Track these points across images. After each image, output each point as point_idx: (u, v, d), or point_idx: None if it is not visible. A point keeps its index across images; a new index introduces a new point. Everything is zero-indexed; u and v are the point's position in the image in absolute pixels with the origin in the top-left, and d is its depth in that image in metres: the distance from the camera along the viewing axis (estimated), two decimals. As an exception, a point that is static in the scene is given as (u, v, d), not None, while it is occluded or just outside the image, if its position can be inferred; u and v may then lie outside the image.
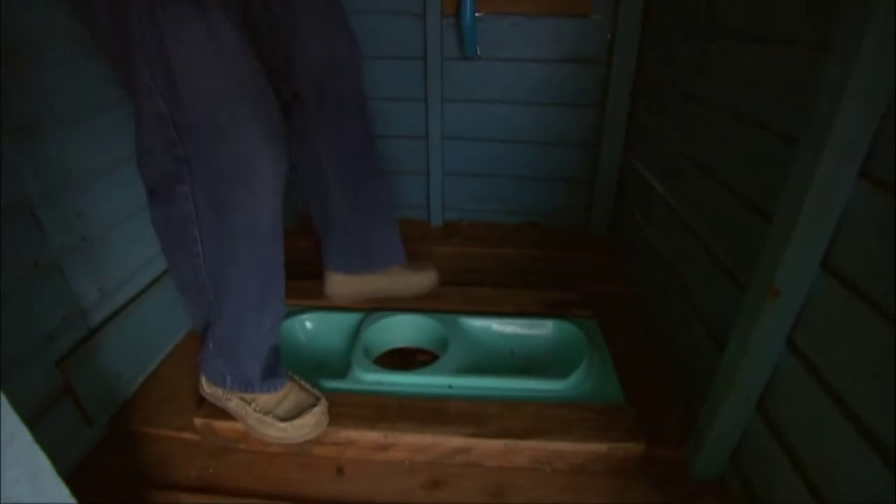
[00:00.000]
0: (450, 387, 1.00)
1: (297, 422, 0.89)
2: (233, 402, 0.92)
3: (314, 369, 1.11)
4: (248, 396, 0.90)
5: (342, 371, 1.04)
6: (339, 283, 1.21)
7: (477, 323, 1.15)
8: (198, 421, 0.94)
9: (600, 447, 0.89)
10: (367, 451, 0.93)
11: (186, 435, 0.98)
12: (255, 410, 0.90)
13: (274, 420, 0.90)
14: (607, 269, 1.51)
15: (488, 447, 0.90)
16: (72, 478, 0.88)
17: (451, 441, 0.91)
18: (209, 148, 0.71)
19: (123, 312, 1.04)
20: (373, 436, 0.91)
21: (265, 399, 0.91)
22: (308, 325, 1.18)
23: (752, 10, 0.89)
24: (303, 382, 0.95)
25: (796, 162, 0.65)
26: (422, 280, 1.23)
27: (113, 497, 0.86)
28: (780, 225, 0.68)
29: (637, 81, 1.47)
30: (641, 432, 0.91)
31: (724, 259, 0.94)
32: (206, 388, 0.95)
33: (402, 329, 1.17)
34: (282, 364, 0.93)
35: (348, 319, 1.18)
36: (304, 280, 1.30)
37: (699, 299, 1.03)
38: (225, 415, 0.94)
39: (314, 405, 0.91)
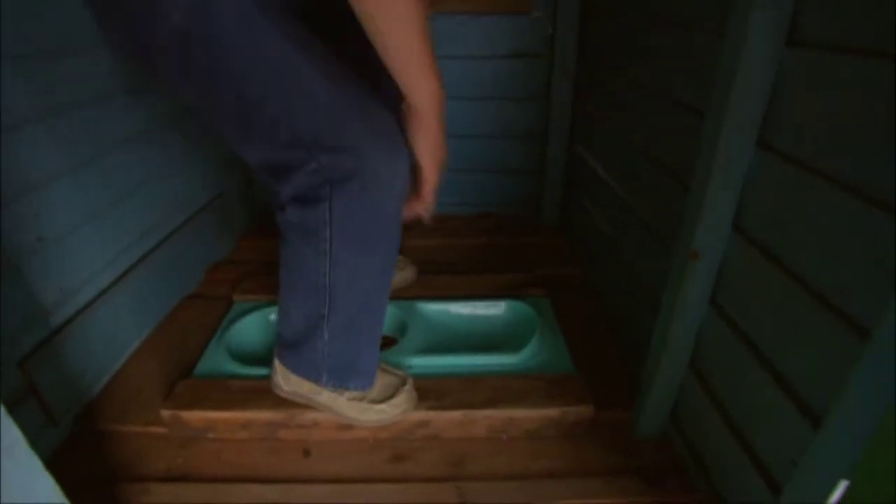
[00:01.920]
0: (410, 367, 1.05)
1: (393, 401, 0.94)
2: (323, 396, 0.92)
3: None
4: (336, 392, 0.92)
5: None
6: None
7: (434, 307, 1.20)
8: (165, 413, 0.96)
9: (552, 412, 0.96)
10: (332, 431, 0.97)
11: (154, 429, 1.00)
12: (348, 399, 0.93)
13: (370, 405, 0.93)
14: (559, 253, 1.58)
15: (447, 419, 0.96)
16: (39, 475, 0.90)
17: (411, 416, 0.96)
18: (340, 162, 0.71)
19: (86, 312, 1.05)
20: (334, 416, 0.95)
21: None
22: (272, 316, 1.22)
23: (672, 1, 0.97)
24: (384, 364, 0.98)
25: (704, 134, 0.73)
26: (404, 276, 1.29)
27: (82, 494, 0.88)
28: (695, 192, 0.76)
29: (578, 73, 1.54)
30: (590, 397, 0.98)
31: (657, 230, 1.02)
32: (286, 385, 0.94)
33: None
34: None
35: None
36: (271, 275, 1.34)
37: (639, 270, 1.10)
38: (193, 405, 0.97)
39: (403, 384, 0.96)
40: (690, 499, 0.86)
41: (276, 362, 0.94)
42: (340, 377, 0.91)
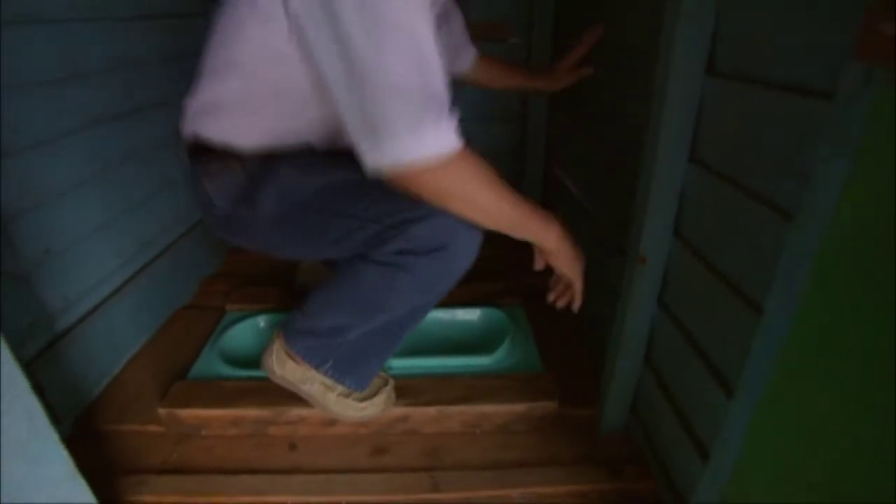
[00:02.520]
0: (390, 368, 1.13)
1: (375, 399, 1.01)
2: (315, 387, 0.98)
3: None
4: (330, 383, 0.98)
5: (294, 362, 1.15)
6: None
7: (416, 313, 1.28)
8: (162, 411, 1.04)
9: (521, 407, 1.03)
10: (317, 427, 1.05)
11: (151, 428, 1.07)
12: (336, 395, 0.99)
13: (354, 402, 1.00)
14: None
15: (424, 414, 1.03)
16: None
17: (391, 412, 1.03)
18: (432, 236, 0.80)
19: (87, 320, 1.12)
20: (322, 413, 1.03)
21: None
22: (261, 324, 1.29)
23: (631, 29, 1.07)
24: None
25: (645, 150, 0.82)
26: None
27: (83, 485, 0.95)
28: (640, 203, 0.85)
29: (552, 97, 1.65)
30: (556, 394, 1.06)
31: (618, 240, 1.11)
32: (278, 369, 0.98)
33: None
34: None
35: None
36: (260, 287, 1.42)
37: (605, 277, 1.19)
38: (188, 403, 1.04)
39: (385, 384, 1.04)
40: (647, 484, 0.94)
41: (277, 345, 0.98)
42: (342, 371, 0.97)
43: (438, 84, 0.67)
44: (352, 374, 0.98)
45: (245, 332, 1.26)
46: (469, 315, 1.30)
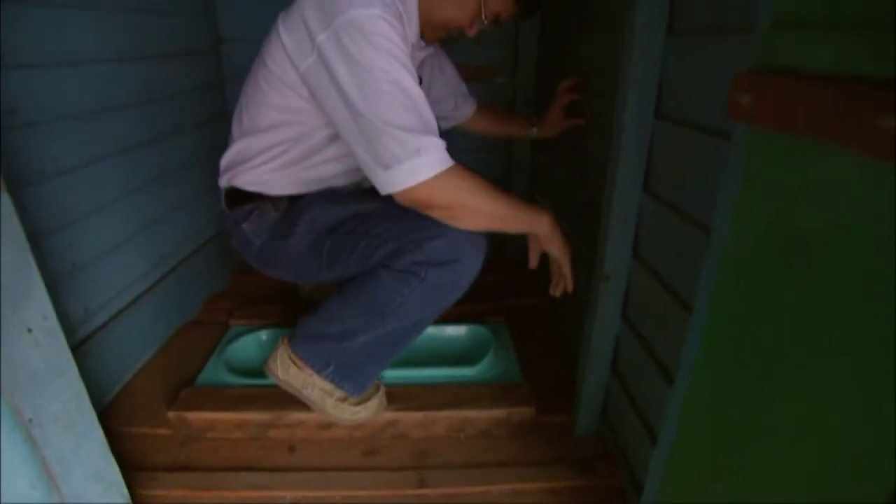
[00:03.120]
0: (382, 377, 1.23)
1: (368, 404, 1.11)
2: (315, 392, 1.07)
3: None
4: (329, 388, 1.07)
5: (293, 371, 1.25)
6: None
7: (407, 329, 1.39)
8: (171, 414, 1.13)
9: (501, 413, 1.13)
10: (314, 430, 1.14)
11: (160, 431, 1.16)
12: (334, 399, 1.08)
13: (349, 406, 1.09)
14: (523, 287, 1.78)
15: (412, 419, 1.13)
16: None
17: (382, 416, 1.13)
18: (442, 251, 0.92)
19: (103, 330, 1.22)
20: (319, 417, 1.12)
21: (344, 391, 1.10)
22: (264, 337, 1.39)
23: (595, 76, 1.21)
24: None
25: (607, 180, 0.95)
26: None
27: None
28: (603, 227, 0.97)
29: (536, 132, 1.79)
30: (533, 401, 1.16)
31: (590, 260, 1.22)
32: (282, 374, 1.07)
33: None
34: None
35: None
36: (263, 305, 1.52)
37: (580, 295, 1.30)
38: (195, 407, 1.13)
39: (377, 390, 1.14)
40: (614, 480, 1.03)
41: (283, 349, 1.08)
42: (342, 376, 1.06)
43: (425, 115, 0.85)
44: (351, 380, 1.08)
45: (248, 344, 1.36)
46: (456, 331, 1.40)
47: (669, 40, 0.82)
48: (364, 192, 1.07)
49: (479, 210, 0.91)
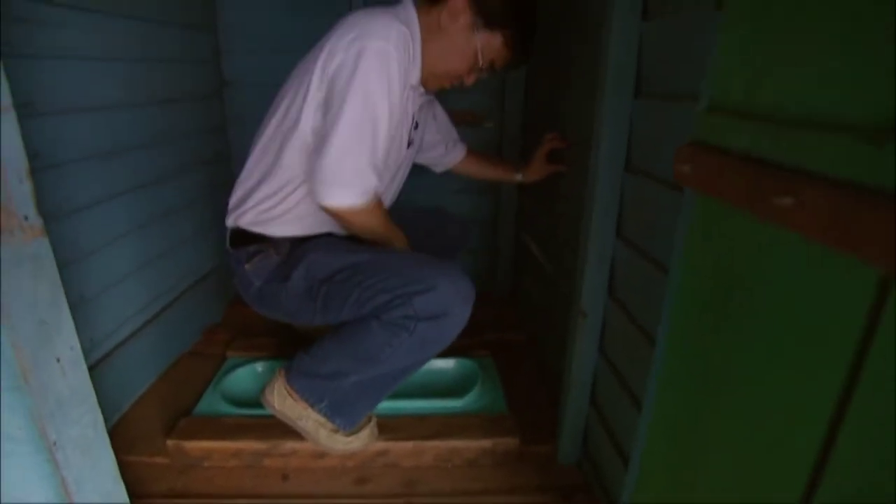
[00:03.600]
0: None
1: (360, 434, 1.16)
2: (309, 423, 1.12)
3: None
4: (323, 420, 1.12)
5: (288, 402, 1.30)
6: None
7: (397, 361, 1.45)
8: (170, 443, 1.17)
9: (486, 443, 1.19)
10: (308, 459, 1.19)
11: (157, 459, 1.20)
12: (327, 431, 1.13)
13: (342, 437, 1.14)
14: (507, 322, 1.86)
15: (401, 448, 1.18)
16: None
17: (373, 446, 1.18)
18: (431, 305, 0.99)
19: (106, 360, 1.27)
20: (312, 447, 1.17)
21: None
22: (259, 369, 1.45)
23: (572, 128, 1.31)
24: None
25: (583, 224, 1.03)
26: None
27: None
28: (580, 268, 1.06)
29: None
30: (518, 432, 1.22)
31: (569, 297, 1.30)
32: (278, 405, 1.12)
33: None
34: None
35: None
36: (258, 337, 1.58)
37: (561, 332, 1.38)
38: (193, 436, 1.18)
39: (369, 421, 1.19)
40: (592, 509, 1.09)
41: (280, 382, 1.13)
42: (335, 411, 1.12)
43: (379, 154, 1.03)
44: (343, 415, 1.13)
45: (245, 375, 1.41)
46: (445, 364, 1.47)
47: (636, 102, 0.92)
48: (360, 242, 1.16)
49: (364, 230, 1.13)
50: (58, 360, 0.65)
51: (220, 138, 1.87)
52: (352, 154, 1.00)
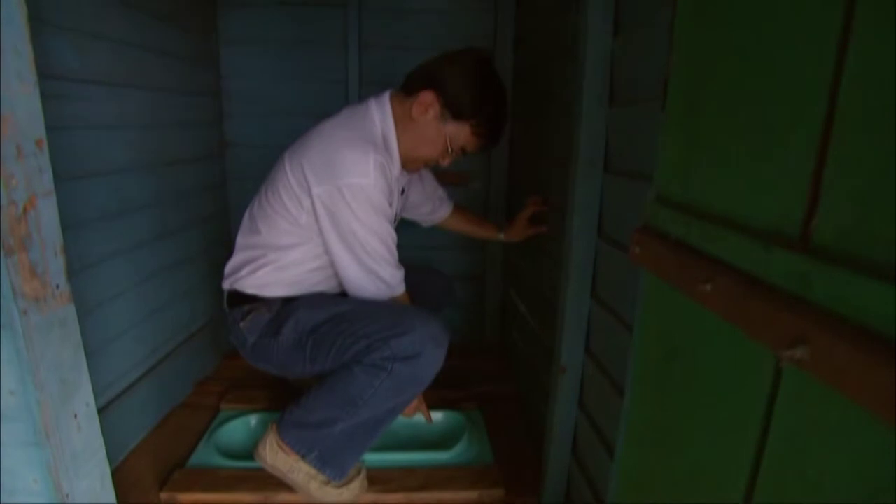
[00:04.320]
0: (363, 461, 1.32)
1: (350, 486, 1.20)
2: (301, 475, 1.16)
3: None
4: (314, 472, 1.16)
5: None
6: None
7: (387, 413, 1.50)
8: (164, 495, 1.20)
9: (472, 495, 1.23)
10: (299, 511, 1.22)
11: (150, 513, 1.22)
12: (318, 483, 1.17)
13: (333, 489, 1.18)
14: (495, 373, 1.91)
15: (391, 500, 1.22)
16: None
17: (363, 498, 1.22)
18: (407, 346, 1.08)
19: (102, 413, 1.30)
20: (304, 499, 1.20)
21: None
22: (252, 422, 1.48)
23: (548, 193, 1.42)
24: None
25: (561, 284, 1.12)
26: None
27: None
28: (559, 327, 1.13)
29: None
30: (503, 483, 1.26)
31: (552, 350, 1.37)
32: (269, 458, 1.17)
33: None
34: None
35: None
36: (250, 390, 1.62)
37: (544, 386, 1.44)
38: (187, 489, 1.21)
39: (359, 473, 1.24)
40: (574, 560, 1.12)
41: (272, 436, 1.18)
42: (324, 461, 1.16)
43: (394, 252, 1.20)
44: (333, 465, 1.18)
45: (238, 428, 1.45)
46: (433, 417, 1.51)
47: (606, 176, 1.03)
48: (343, 294, 1.27)
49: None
50: (75, 416, 0.71)
51: (220, 196, 1.97)
52: (380, 255, 1.19)
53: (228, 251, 2.00)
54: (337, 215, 1.14)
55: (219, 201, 1.95)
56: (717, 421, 0.49)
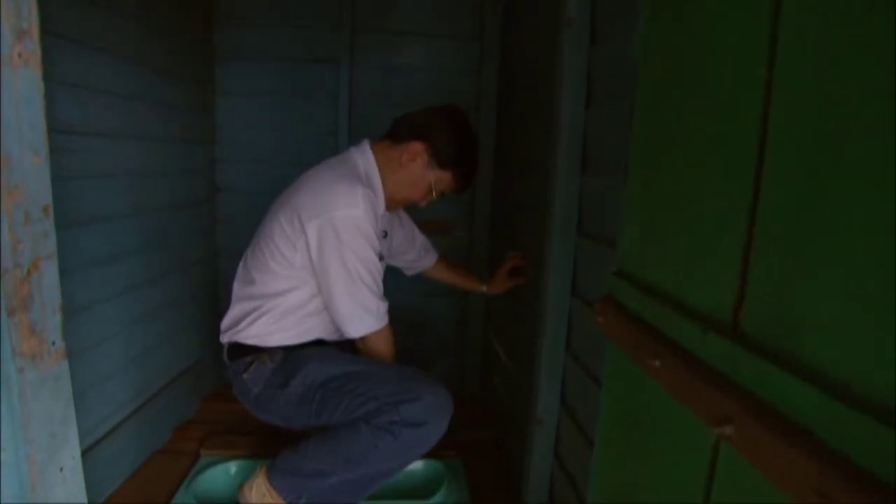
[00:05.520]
0: (344, 511, 1.33)
1: None
2: None
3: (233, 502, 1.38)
4: None
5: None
6: None
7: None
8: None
9: (450, 545, 1.24)
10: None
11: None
12: None
13: None
14: (477, 422, 1.93)
15: (369, 550, 1.22)
16: None
17: (341, 548, 1.22)
18: (415, 414, 1.11)
19: (82, 458, 1.30)
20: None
21: None
22: (233, 469, 1.49)
23: (522, 247, 1.48)
24: None
25: (537, 339, 1.17)
26: None
27: None
28: (536, 378, 1.18)
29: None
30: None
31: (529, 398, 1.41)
32: (256, 500, 1.18)
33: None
34: None
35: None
36: (231, 435, 1.63)
37: (524, 431, 1.47)
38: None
39: None
40: None
41: (260, 479, 1.19)
42: None
43: (380, 284, 1.23)
44: None
45: (217, 476, 1.45)
46: (413, 465, 1.51)
47: (579, 239, 1.09)
48: (352, 353, 1.31)
49: (378, 351, 1.29)
50: (61, 470, 0.73)
51: (209, 240, 2.01)
52: (367, 285, 1.22)
53: (214, 295, 2.05)
54: (328, 246, 1.17)
55: (208, 245, 1.99)
56: (667, 482, 0.54)
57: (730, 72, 0.47)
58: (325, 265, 1.19)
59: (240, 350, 1.28)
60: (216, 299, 2.07)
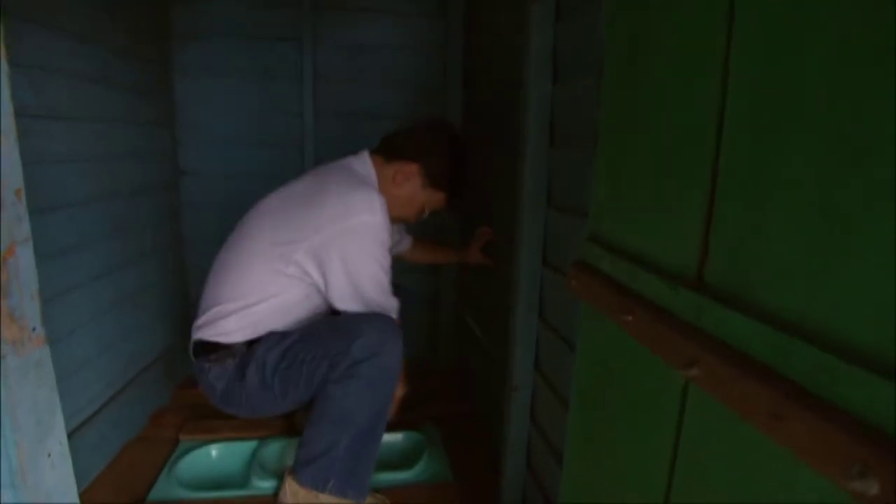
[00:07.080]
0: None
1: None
2: None
3: (217, 485, 1.40)
4: (336, 501, 1.18)
5: (243, 483, 1.36)
6: None
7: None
8: (125, 530, 1.20)
9: (433, 511, 1.29)
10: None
11: (110, 549, 1.22)
12: None
13: None
14: (452, 394, 1.98)
15: (355, 520, 1.26)
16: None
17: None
18: (367, 348, 1.14)
19: (59, 451, 1.29)
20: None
21: None
22: (213, 452, 1.49)
23: (498, 224, 1.51)
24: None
25: (510, 308, 1.21)
26: None
27: None
28: (510, 347, 1.22)
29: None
30: (465, 500, 1.32)
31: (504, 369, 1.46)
32: (292, 498, 1.20)
33: (290, 449, 1.51)
34: None
35: (245, 446, 1.51)
36: (210, 420, 1.63)
37: (500, 406, 1.52)
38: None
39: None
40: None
41: (288, 481, 1.21)
42: (343, 487, 1.19)
43: (390, 278, 1.26)
44: (351, 487, 1.21)
45: (199, 459, 1.46)
46: (393, 437, 1.57)
47: (549, 211, 1.13)
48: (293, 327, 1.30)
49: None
50: (49, 455, 0.73)
51: (175, 225, 1.97)
52: (382, 283, 1.27)
53: (182, 280, 2.03)
54: (349, 252, 1.20)
55: (174, 230, 1.95)
56: (641, 429, 0.58)
57: (692, 41, 0.51)
58: (340, 272, 1.21)
59: (204, 347, 1.28)
60: (185, 285, 2.04)
